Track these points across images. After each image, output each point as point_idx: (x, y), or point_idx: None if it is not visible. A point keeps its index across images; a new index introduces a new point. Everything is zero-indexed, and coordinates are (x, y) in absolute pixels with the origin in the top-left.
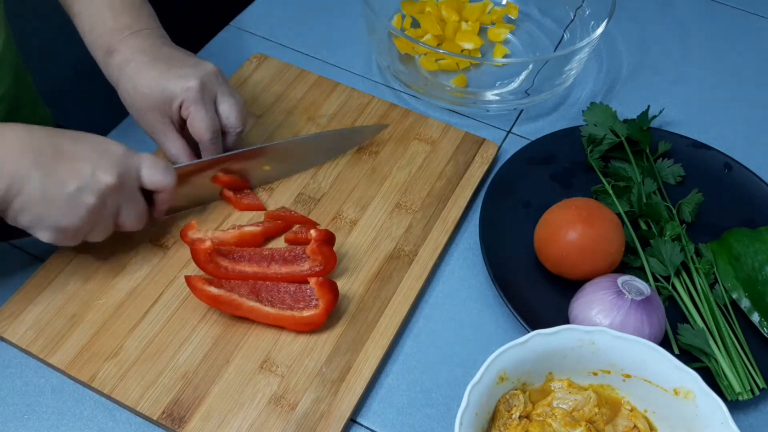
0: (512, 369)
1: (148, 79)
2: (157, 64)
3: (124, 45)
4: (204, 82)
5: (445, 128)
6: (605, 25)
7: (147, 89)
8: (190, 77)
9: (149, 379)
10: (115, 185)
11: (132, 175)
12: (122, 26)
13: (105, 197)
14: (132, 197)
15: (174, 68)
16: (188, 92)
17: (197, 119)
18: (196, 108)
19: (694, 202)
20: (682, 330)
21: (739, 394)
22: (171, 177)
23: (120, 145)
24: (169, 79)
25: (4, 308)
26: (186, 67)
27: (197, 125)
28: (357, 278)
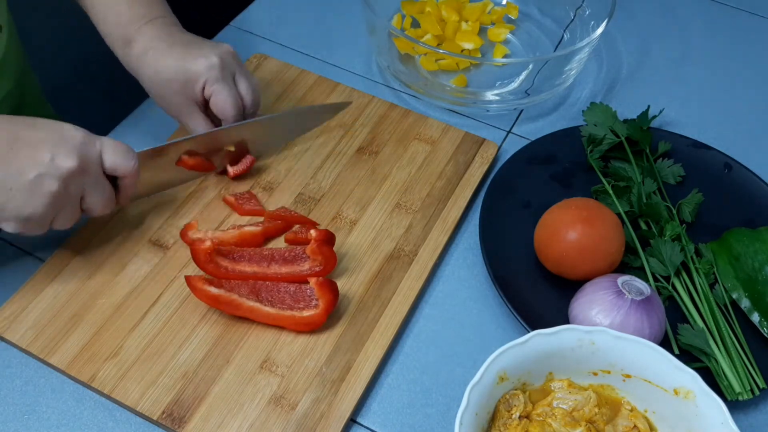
0: (512, 369)
1: (168, 63)
2: (175, 48)
3: (141, 34)
4: (224, 60)
5: (445, 128)
6: (605, 25)
7: (170, 74)
8: (210, 56)
9: (149, 379)
10: (76, 170)
11: (94, 159)
12: (137, 16)
13: (67, 183)
14: (96, 182)
15: (193, 50)
16: (211, 71)
17: (221, 96)
18: (220, 86)
19: (694, 202)
20: (682, 330)
21: (739, 394)
22: (133, 161)
23: (79, 130)
24: (190, 60)
25: (4, 308)
26: (204, 48)
27: (221, 102)
28: (357, 278)
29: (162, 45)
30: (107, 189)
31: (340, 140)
